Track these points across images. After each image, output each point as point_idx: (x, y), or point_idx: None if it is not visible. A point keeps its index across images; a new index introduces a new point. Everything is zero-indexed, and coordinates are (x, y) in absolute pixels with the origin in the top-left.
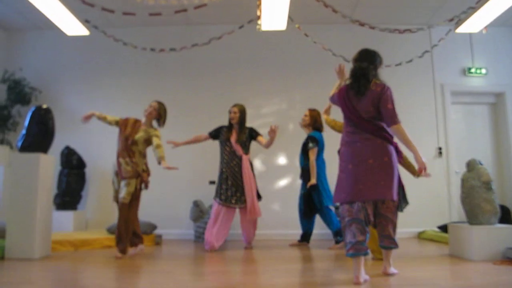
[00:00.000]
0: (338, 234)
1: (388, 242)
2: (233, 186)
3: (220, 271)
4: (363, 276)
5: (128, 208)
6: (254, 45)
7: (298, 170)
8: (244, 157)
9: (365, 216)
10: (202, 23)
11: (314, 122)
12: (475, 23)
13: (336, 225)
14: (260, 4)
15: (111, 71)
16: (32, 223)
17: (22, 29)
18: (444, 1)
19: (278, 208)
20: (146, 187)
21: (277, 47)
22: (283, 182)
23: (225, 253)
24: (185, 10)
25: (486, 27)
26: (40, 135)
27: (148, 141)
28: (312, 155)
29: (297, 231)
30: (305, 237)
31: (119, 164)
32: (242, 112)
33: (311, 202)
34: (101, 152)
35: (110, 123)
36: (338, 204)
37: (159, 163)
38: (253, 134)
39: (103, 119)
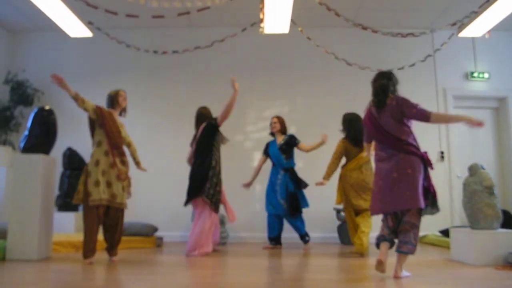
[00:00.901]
0: (306, 235)
1: (406, 248)
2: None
3: (221, 273)
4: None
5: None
6: (257, 48)
7: (300, 171)
8: None
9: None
10: (205, 26)
11: (284, 127)
12: (478, 28)
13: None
14: (263, 7)
15: (114, 73)
16: (33, 224)
17: (25, 30)
18: (447, 5)
19: None
20: (129, 194)
21: (279, 50)
22: None
23: (224, 255)
24: (188, 13)
25: (489, 32)
26: (42, 136)
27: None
28: (308, 147)
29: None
30: (279, 239)
31: (114, 164)
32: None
33: (297, 202)
34: None
35: (86, 109)
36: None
37: (137, 165)
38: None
39: (79, 101)
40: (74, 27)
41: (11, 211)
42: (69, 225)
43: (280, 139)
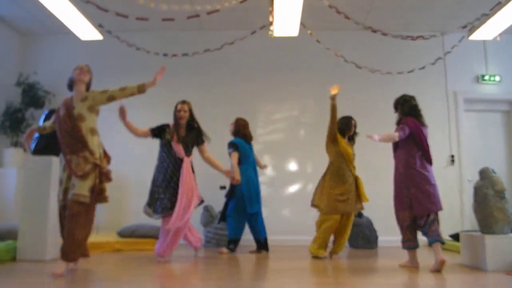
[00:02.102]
0: (232, 242)
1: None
2: None
3: (229, 275)
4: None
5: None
6: (266, 51)
7: (308, 175)
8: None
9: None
10: (215, 29)
11: (237, 131)
12: (489, 30)
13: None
14: (272, 10)
15: (124, 76)
16: (44, 225)
17: (37, 33)
18: (458, 8)
19: (288, 214)
20: (108, 179)
21: (289, 53)
22: (294, 188)
23: (232, 256)
24: (197, 16)
25: (500, 34)
26: (52, 138)
27: (93, 108)
28: (233, 159)
29: (309, 237)
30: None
31: (68, 161)
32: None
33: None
34: (112, 155)
35: (45, 129)
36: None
37: (143, 90)
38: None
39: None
40: (85, 30)
41: (22, 212)
42: None
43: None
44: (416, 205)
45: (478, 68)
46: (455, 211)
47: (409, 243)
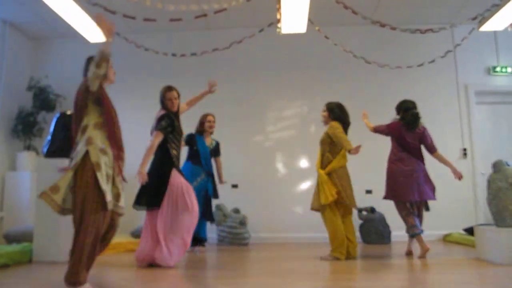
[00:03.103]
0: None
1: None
2: None
3: (244, 274)
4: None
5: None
6: (275, 49)
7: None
8: None
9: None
10: (223, 28)
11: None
12: (499, 21)
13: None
14: (279, 7)
15: (133, 77)
16: (58, 227)
17: (47, 37)
18: None
19: (300, 211)
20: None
21: (297, 50)
22: (305, 185)
23: (245, 254)
24: (205, 15)
25: (511, 24)
26: (64, 141)
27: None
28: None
29: (322, 234)
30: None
31: (121, 159)
32: None
33: (210, 207)
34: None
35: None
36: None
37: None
38: None
39: None
40: (94, 33)
41: (36, 215)
42: None
43: (209, 142)
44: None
45: (489, 60)
46: (468, 204)
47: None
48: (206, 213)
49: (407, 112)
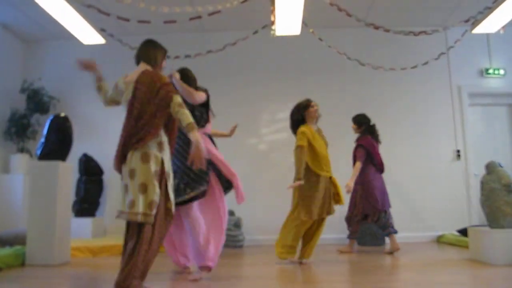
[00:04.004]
0: None
1: None
2: None
3: (238, 277)
4: None
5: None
6: (269, 51)
7: None
8: None
9: None
10: (217, 30)
11: None
12: (492, 23)
13: None
14: (274, 9)
15: None
16: (51, 230)
17: (40, 39)
18: (460, 2)
19: None
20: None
21: (291, 52)
22: None
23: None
24: (199, 17)
25: (503, 27)
26: (58, 143)
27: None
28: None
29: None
30: None
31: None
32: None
33: None
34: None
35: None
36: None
37: (188, 132)
38: None
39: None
40: (87, 35)
41: (30, 218)
42: (86, 231)
43: None
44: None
45: (482, 62)
46: (462, 206)
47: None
48: None
49: (371, 125)
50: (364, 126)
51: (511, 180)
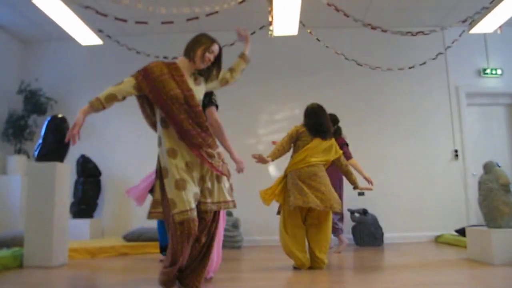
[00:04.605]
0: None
1: None
2: None
3: (236, 278)
4: None
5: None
6: (267, 51)
7: None
8: None
9: None
10: (214, 30)
11: None
12: (489, 23)
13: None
14: (271, 10)
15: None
16: (49, 231)
17: (37, 40)
18: (457, 2)
19: None
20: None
21: (289, 52)
22: None
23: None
24: (197, 18)
25: (501, 27)
26: (56, 144)
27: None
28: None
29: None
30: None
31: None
32: None
33: None
34: (116, 160)
35: (124, 97)
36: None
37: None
38: None
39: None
40: (85, 35)
41: (27, 219)
42: (84, 232)
43: None
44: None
45: (480, 62)
46: (460, 206)
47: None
48: None
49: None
50: (336, 125)
51: (509, 180)
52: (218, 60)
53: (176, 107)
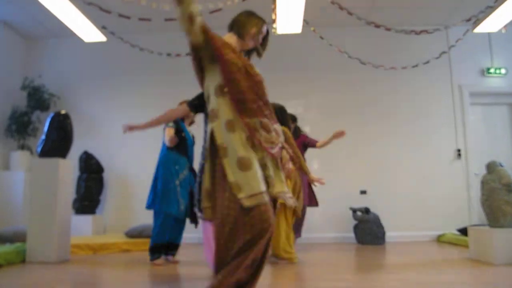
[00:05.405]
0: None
1: None
2: None
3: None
4: None
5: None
6: (270, 49)
7: (315, 172)
8: None
9: None
10: (218, 28)
11: None
12: (493, 23)
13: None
14: (275, 7)
15: (128, 77)
16: (51, 227)
17: (41, 37)
18: (461, 0)
19: None
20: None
21: (292, 50)
22: None
23: None
24: (200, 15)
25: (505, 26)
26: (59, 140)
27: None
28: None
29: (320, 234)
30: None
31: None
32: None
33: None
34: (118, 157)
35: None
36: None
37: None
38: None
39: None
40: (88, 32)
41: (30, 215)
42: (86, 228)
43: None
44: None
45: (484, 61)
46: (462, 205)
47: None
48: (191, 214)
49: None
50: (294, 124)
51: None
52: (264, 42)
53: (240, 73)
